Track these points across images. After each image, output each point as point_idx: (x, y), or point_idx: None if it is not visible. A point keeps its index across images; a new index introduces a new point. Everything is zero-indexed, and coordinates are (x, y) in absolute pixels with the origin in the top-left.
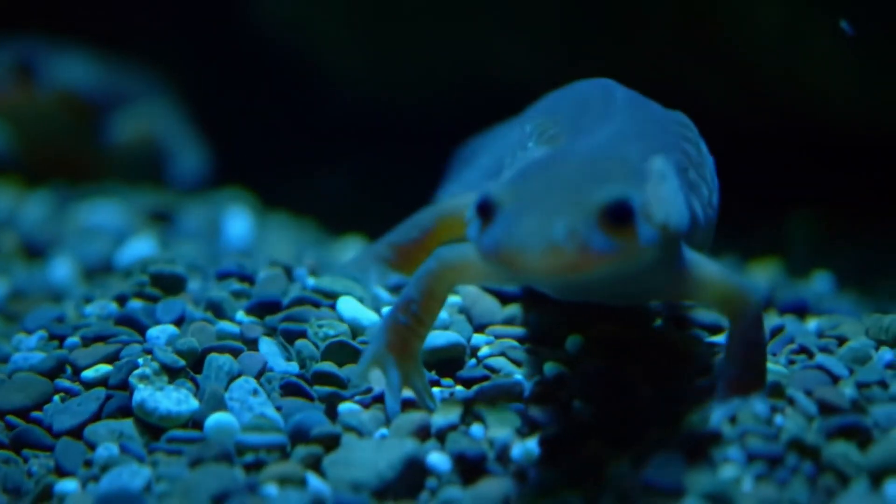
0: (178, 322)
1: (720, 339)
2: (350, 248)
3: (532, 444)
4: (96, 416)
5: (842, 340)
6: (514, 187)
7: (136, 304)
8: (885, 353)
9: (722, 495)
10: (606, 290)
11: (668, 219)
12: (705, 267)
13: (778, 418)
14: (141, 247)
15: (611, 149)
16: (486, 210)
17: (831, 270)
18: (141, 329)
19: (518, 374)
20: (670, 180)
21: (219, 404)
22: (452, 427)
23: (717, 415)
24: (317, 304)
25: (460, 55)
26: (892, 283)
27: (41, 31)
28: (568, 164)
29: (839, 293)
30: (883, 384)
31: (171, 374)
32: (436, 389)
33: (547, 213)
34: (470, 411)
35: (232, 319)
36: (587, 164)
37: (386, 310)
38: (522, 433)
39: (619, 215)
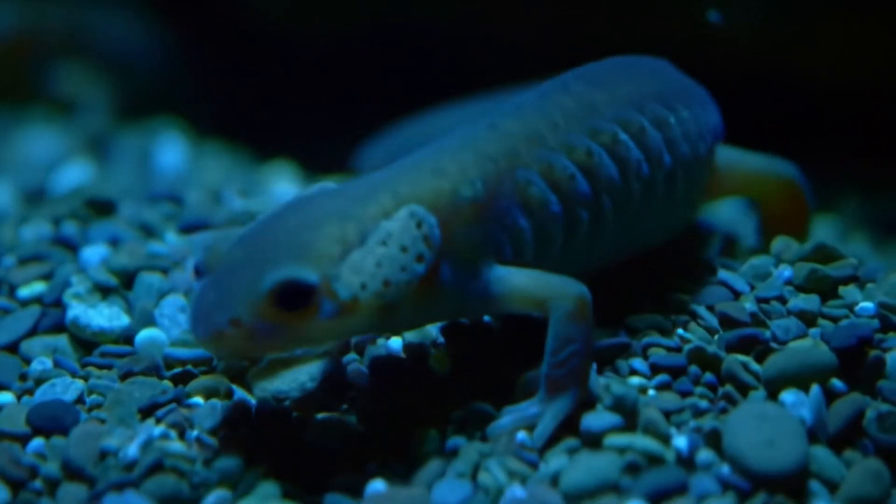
0: (111, 243)
1: None
2: (278, 173)
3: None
4: (31, 332)
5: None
6: (225, 252)
7: (70, 226)
8: (785, 270)
9: (627, 403)
10: (407, 325)
11: (361, 293)
12: (510, 280)
13: (679, 331)
14: (76, 172)
15: (356, 200)
16: (198, 276)
17: None
18: (75, 250)
19: None
20: (393, 243)
21: (149, 320)
22: (371, 340)
23: (504, 420)
24: (243, 225)
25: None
26: None
27: None
28: (286, 225)
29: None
30: (782, 299)
31: (104, 292)
32: None
33: (221, 296)
34: None
35: (162, 240)
36: (300, 228)
37: None
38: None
39: (286, 301)
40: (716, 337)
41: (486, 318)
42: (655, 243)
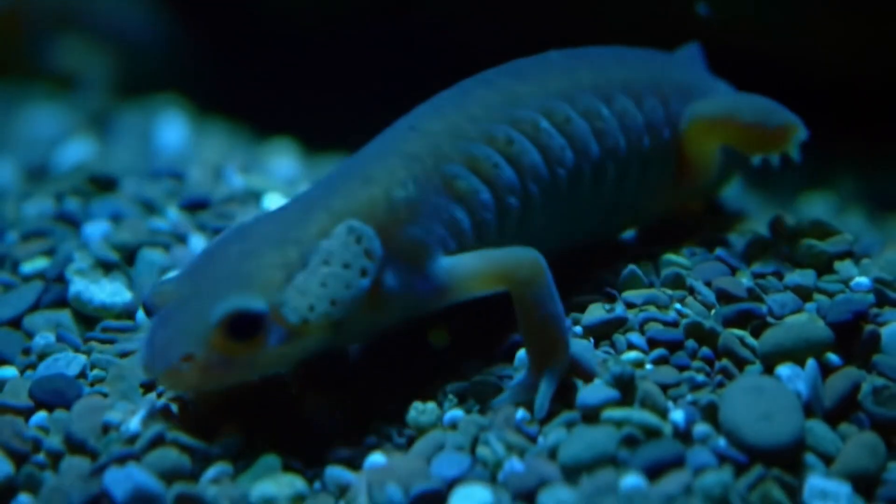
0: (113, 219)
1: None
2: (279, 150)
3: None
4: (34, 307)
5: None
6: (174, 287)
7: (72, 202)
8: (783, 247)
9: (625, 378)
10: (361, 337)
11: (310, 315)
12: (460, 267)
13: (677, 306)
14: (78, 149)
15: (293, 223)
16: (147, 314)
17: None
18: (77, 226)
19: None
20: (336, 261)
21: None
22: None
23: (503, 396)
24: (243, 202)
25: None
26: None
27: None
28: (228, 257)
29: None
30: (778, 275)
31: (106, 267)
32: None
33: (172, 333)
34: None
35: (164, 216)
36: (242, 258)
37: None
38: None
39: (236, 332)
40: (713, 312)
41: None
42: (612, 228)
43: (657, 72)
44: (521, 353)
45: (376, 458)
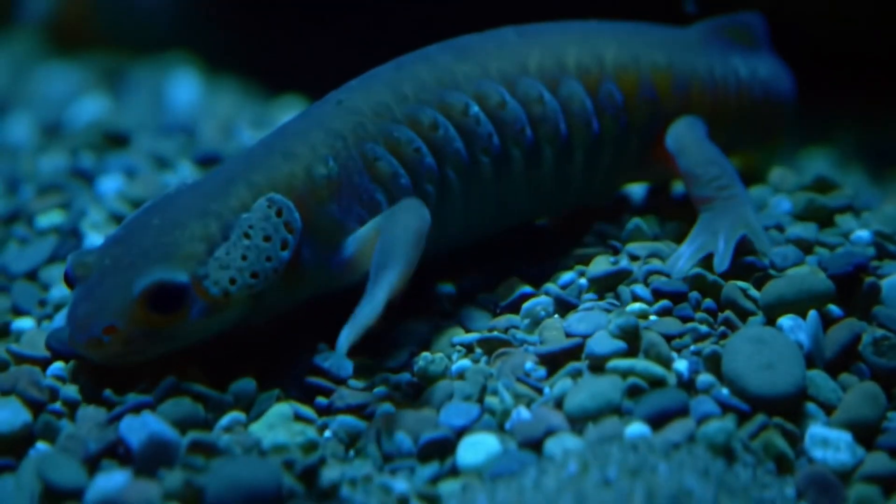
0: (126, 174)
1: None
2: (289, 107)
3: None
4: (50, 260)
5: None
6: (94, 258)
7: (86, 158)
8: (783, 201)
9: (630, 328)
10: (276, 309)
11: (231, 287)
12: (360, 234)
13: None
14: (92, 106)
15: (213, 196)
16: (68, 284)
17: None
18: (91, 181)
19: None
20: (256, 233)
21: None
22: None
23: (342, 337)
24: None
25: None
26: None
27: None
28: (148, 229)
29: None
30: (779, 228)
31: (119, 221)
32: None
33: (95, 304)
34: None
35: (176, 171)
36: (162, 230)
37: None
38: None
39: (158, 304)
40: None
41: None
42: (560, 208)
43: (632, 53)
44: (527, 304)
45: (386, 408)
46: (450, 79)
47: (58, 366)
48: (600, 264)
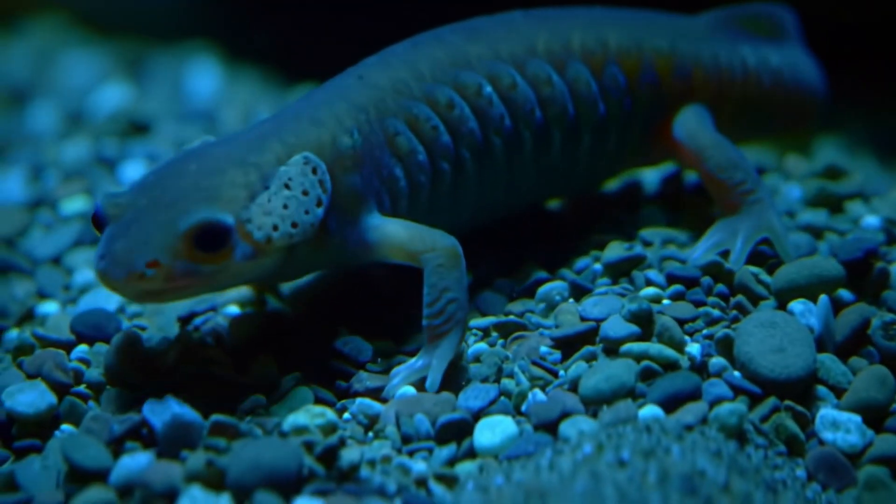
0: (148, 160)
1: None
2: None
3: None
4: (74, 246)
5: None
6: (126, 200)
7: (109, 144)
8: (794, 189)
9: (643, 313)
10: (297, 273)
11: (274, 234)
12: (384, 228)
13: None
14: (114, 94)
15: (249, 148)
16: (97, 224)
17: None
18: (113, 167)
19: None
20: (295, 186)
21: None
22: None
23: (396, 380)
24: None
25: None
26: None
27: None
28: (185, 173)
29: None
30: (791, 214)
31: None
32: None
33: (135, 239)
34: None
35: None
36: (202, 174)
37: None
38: None
39: (205, 242)
40: None
41: None
42: (568, 190)
43: (635, 37)
44: (543, 289)
45: (406, 390)
46: (463, 59)
47: (82, 349)
48: (615, 250)
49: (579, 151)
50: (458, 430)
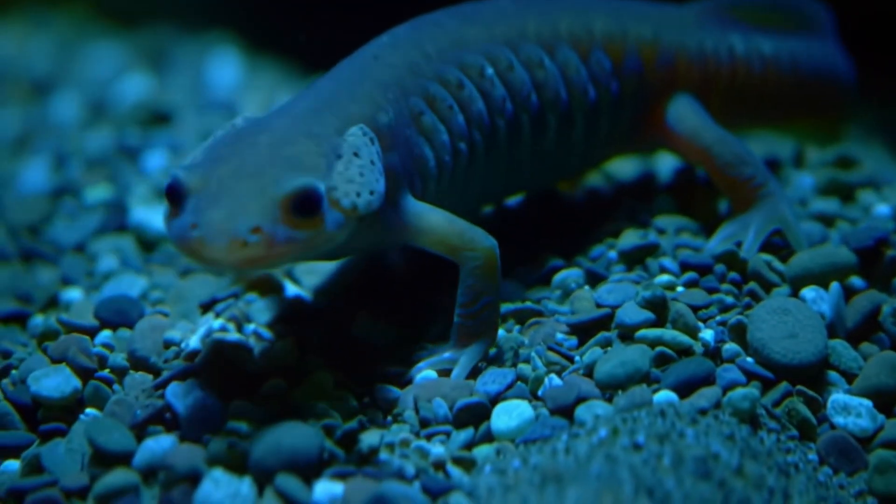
0: (171, 150)
1: None
2: None
3: None
4: (97, 233)
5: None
6: (203, 173)
7: (132, 134)
8: (806, 178)
9: (657, 300)
10: (350, 249)
11: (357, 201)
12: (428, 216)
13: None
14: (136, 84)
15: (307, 121)
16: (175, 197)
17: None
18: (136, 156)
19: None
20: (364, 155)
21: None
22: None
23: (421, 364)
24: None
25: None
26: None
27: None
28: (258, 145)
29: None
30: (803, 203)
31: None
32: None
33: (232, 207)
34: None
35: None
36: (276, 145)
37: None
38: None
39: (302, 208)
40: None
41: None
42: (559, 177)
43: (619, 24)
44: (559, 276)
45: (425, 374)
46: (462, 41)
47: (106, 334)
48: (629, 238)
49: (573, 137)
50: (475, 414)
